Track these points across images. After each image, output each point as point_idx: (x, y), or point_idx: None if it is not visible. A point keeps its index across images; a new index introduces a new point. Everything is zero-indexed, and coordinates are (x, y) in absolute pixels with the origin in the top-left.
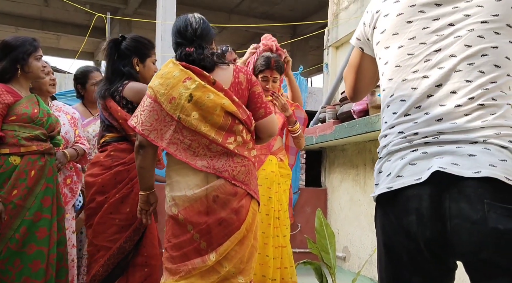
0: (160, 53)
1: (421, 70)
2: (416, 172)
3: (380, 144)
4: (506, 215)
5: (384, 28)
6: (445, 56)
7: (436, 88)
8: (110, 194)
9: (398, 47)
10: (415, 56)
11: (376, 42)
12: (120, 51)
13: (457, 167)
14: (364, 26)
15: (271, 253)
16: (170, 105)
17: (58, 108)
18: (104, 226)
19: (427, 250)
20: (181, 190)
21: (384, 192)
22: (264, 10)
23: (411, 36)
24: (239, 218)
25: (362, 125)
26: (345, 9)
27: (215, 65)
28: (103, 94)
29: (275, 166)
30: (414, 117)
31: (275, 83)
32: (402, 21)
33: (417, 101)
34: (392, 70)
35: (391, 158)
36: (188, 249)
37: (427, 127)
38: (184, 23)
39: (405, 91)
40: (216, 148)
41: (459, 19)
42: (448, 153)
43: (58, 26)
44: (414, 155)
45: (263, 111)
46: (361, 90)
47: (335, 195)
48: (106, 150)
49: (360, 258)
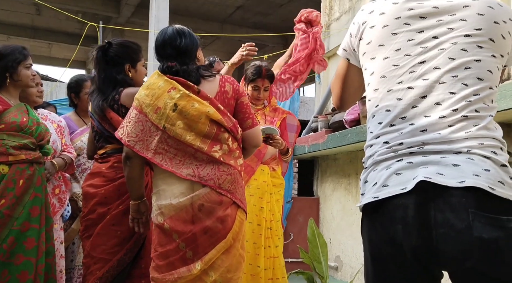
0: (152, 62)
1: (406, 81)
2: (401, 182)
3: (365, 153)
4: (490, 224)
5: (370, 39)
6: (430, 68)
7: (421, 100)
8: (113, 205)
9: (383, 58)
10: (400, 67)
11: (362, 53)
12: (109, 58)
13: (442, 177)
14: (350, 37)
15: (263, 263)
16: (155, 115)
17: (44, 117)
18: (105, 237)
19: (413, 259)
20: (167, 198)
21: (370, 201)
22: (256, 20)
23: (397, 47)
24: (225, 227)
25: (354, 135)
26: (336, 20)
27: (201, 78)
28: (102, 106)
29: (267, 176)
30: (399, 128)
31: (266, 92)
32: (387, 33)
33: (402, 112)
34: (377, 81)
35: (377, 167)
36: (174, 258)
37: (411, 137)
38: (162, 42)
39: (390, 102)
40: (201, 156)
41: (443, 32)
42: (433, 163)
43: (50, 35)
44: (400, 164)
45: (250, 122)
46: (347, 100)
47: (327, 204)
48: (109, 161)
49: (352, 267)
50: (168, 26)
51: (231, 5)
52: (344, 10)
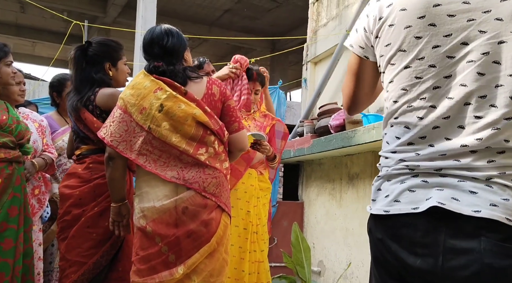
0: (139, 63)
1: (429, 98)
2: (413, 200)
3: (380, 160)
4: (502, 253)
5: (390, 42)
6: (455, 85)
7: (444, 121)
8: (88, 207)
9: (405, 66)
10: (423, 81)
11: (379, 54)
12: (88, 58)
13: (457, 203)
14: (365, 32)
15: (247, 268)
16: (140, 115)
17: (25, 116)
18: (80, 240)
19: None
20: (150, 201)
21: (380, 214)
22: (244, 24)
23: (421, 56)
24: (209, 231)
25: (339, 140)
26: (323, 26)
27: (188, 80)
28: (76, 106)
29: (254, 180)
30: (417, 148)
31: (257, 95)
32: (410, 36)
33: (422, 132)
34: (397, 93)
35: (391, 179)
36: (156, 261)
37: (429, 161)
38: (149, 40)
39: (410, 119)
40: (187, 158)
41: (473, 37)
42: (449, 186)
43: (34, 33)
44: (414, 181)
45: (236, 125)
46: (360, 100)
47: (312, 209)
48: (85, 162)
49: (335, 272)
50: (157, 25)
51: (219, 8)
52: (331, 16)
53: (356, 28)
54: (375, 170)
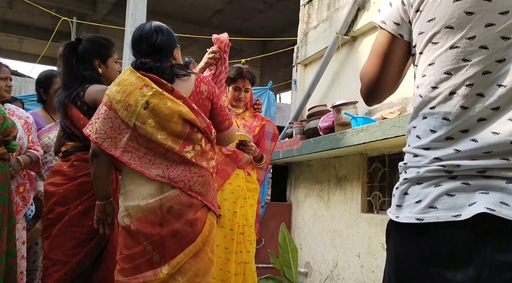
0: (128, 61)
1: (476, 85)
2: (454, 206)
3: (406, 158)
4: None
5: (434, 16)
6: (509, 71)
7: (492, 112)
8: (72, 205)
9: (450, 46)
10: (471, 64)
11: (418, 31)
12: (78, 55)
13: (508, 209)
14: (402, 5)
15: (233, 269)
16: (126, 112)
17: (11, 112)
18: (63, 238)
19: None
20: (134, 199)
21: (411, 222)
22: (235, 25)
23: (471, 35)
24: (194, 230)
25: (328, 142)
26: (314, 28)
27: (175, 77)
28: (63, 102)
29: (242, 180)
30: (457, 143)
31: (247, 93)
32: (459, 11)
33: (464, 125)
34: (439, 77)
35: (423, 182)
36: (140, 261)
37: (471, 160)
38: (138, 36)
39: (451, 109)
40: (172, 156)
41: None
42: (495, 189)
43: (21, 29)
44: (453, 184)
45: (227, 123)
46: (384, 87)
47: (300, 210)
48: (69, 160)
49: (321, 273)
50: (147, 22)
51: (210, 9)
52: (322, 19)
53: (390, 2)
54: (363, 172)
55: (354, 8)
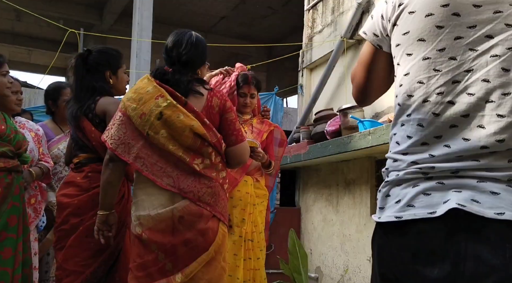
0: (135, 71)
1: (447, 93)
2: (429, 204)
3: (387, 163)
4: None
5: (408, 30)
6: (477, 80)
7: (462, 119)
8: (86, 216)
9: (423, 58)
10: (442, 74)
11: (395, 43)
12: (89, 66)
13: (478, 205)
14: (382, 20)
15: (242, 275)
16: (140, 120)
17: (21, 125)
18: (77, 249)
19: None
20: (145, 209)
21: (391, 220)
22: (241, 31)
23: (441, 47)
24: (206, 240)
25: (335, 146)
26: (319, 32)
27: (189, 93)
28: (76, 114)
29: (250, 187)
30: (431, 148)
31: (253, 99)
32: (431, 25)
33: (437, 130)
34: (413, 86)
35: (402, 183)
36: (153, 269)
37: (445, 163)
38: (172, 43)
39: (425, 115)
40: (183, 166)
41: (499, 30)
42: (468, 187)
43: (29, 41)
44: (429, 184)
45: (234, 138)
46: (371, 93)
47: (309, 215)
48: (83, 171)
49: (332, 278)
50: (189, 31)
51: (215, 15)
52: (326, 23)
53: (372, 15)
54: (371, 176)
55: (358, 12)
